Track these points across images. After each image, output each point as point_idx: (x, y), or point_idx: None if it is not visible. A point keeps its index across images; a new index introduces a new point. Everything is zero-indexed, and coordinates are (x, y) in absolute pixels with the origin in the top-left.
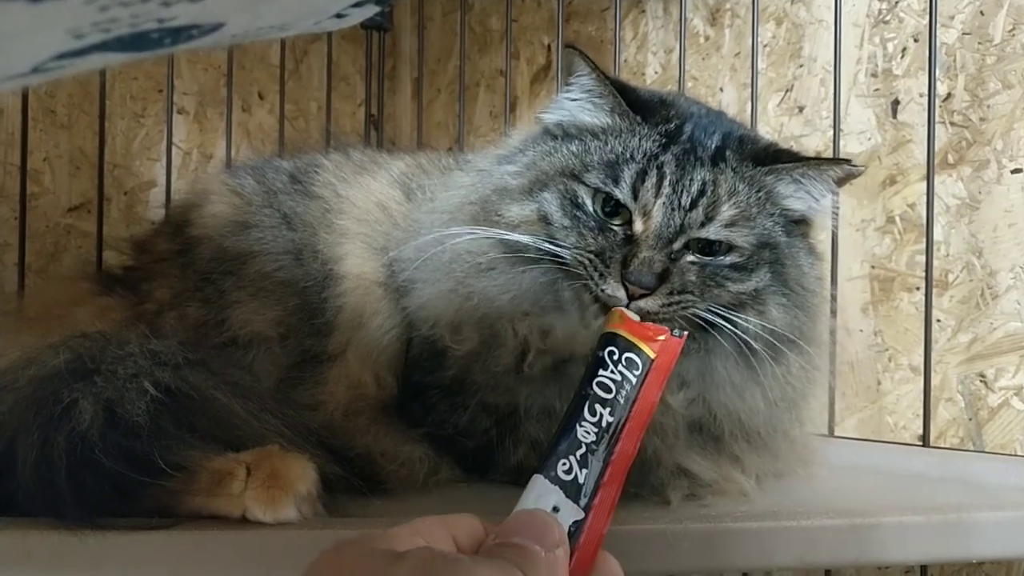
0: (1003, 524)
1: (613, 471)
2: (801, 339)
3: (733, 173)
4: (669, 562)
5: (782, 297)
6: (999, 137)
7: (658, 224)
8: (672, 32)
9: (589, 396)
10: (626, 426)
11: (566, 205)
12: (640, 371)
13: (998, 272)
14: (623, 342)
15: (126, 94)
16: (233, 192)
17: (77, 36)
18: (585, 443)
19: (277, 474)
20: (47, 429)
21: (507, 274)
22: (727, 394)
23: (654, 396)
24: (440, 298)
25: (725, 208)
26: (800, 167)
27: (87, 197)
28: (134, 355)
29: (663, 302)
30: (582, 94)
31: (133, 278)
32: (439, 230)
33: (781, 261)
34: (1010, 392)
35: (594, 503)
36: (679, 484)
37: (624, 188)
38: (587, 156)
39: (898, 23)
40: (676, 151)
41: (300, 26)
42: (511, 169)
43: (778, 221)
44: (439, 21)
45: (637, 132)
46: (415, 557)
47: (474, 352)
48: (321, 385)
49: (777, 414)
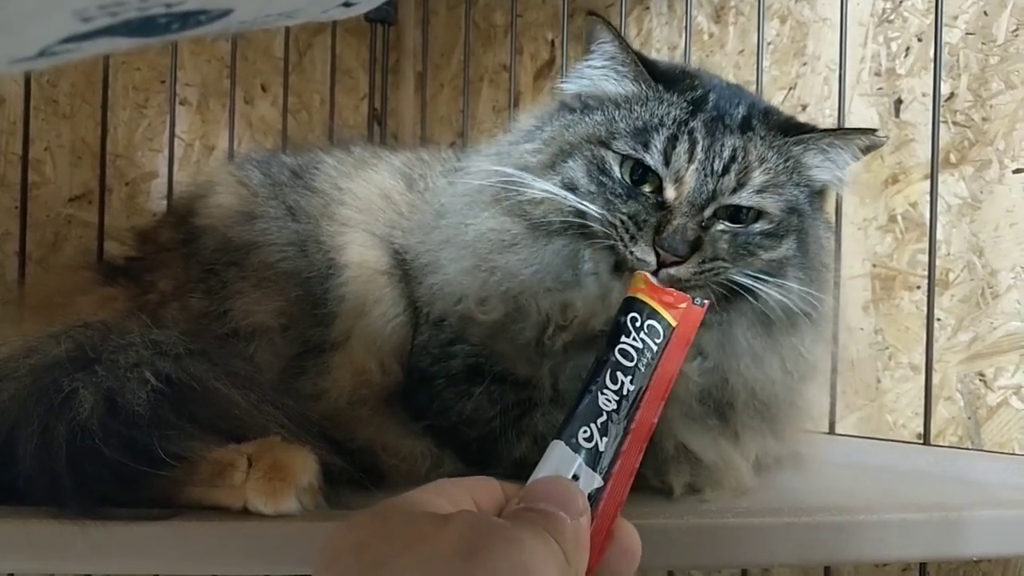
0: (1001, 522)
1: (633, 439)
2: (814, 311)
3: (761, 141)
4: (669, 557)
5: (800, 271)
6: (1001, 137)
7: (691, 190)
8: (676, 29)
9: (611, 363)
10: (646, 395)
11: (593, 171)
12: (661, 339)
13: (999, 272)
14: (646, 308)
15: (128, 84)
16: (240, 183)
17: (84, 19)
18: (606, 411)
19: (279, 465)
20: (48, 418)
21: (530, 248)
22: (747, 364)
23: (674, 365)
24: (465, 274)
25: (757, 174)
26: (828, 136)
27: (88, 187)
28: (135, 345)
29: (694, 270)
30: (605, 62)
31: (136, 268)
32: (460, 214)
33: (805, 230)
34: (1009, 391)
35: (613, 471)
36: (681, 468)
37: (655, 154)
38: (613, 124)
39: (902, 22)
40: (704, 118)
41: (308, 13)
42: (530, 147)
43: (804, 191)
44: (443, 15)
45: (664, 99)
46: (461, 521)
47: (499, 323)
48: (324, 374)
49: (789, 383)
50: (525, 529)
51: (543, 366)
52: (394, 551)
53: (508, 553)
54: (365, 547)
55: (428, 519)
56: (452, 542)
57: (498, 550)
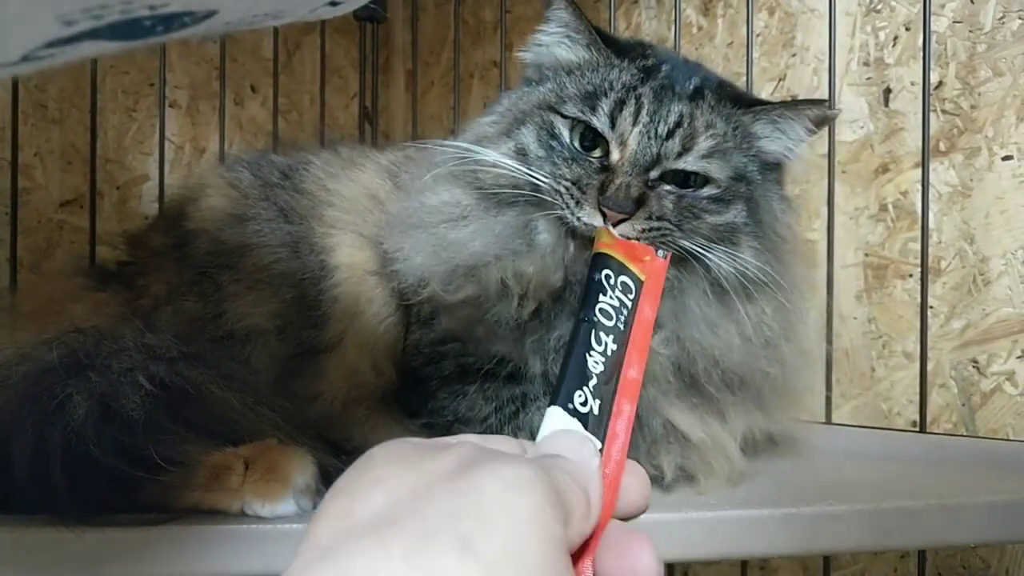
0: (997, 508)
1: (623, 399)
2: (772, 283)
3: (710, 109)
4: (668, 551)
5: (754, 240)
6: (990, 124)
7: (634, 151)
8: (665, 22)
9: (595, 324)
10: (627, 352)
11: (543, 136)
12: (633, 295)
13: (990, 259)
14: (616, 264)
15: (117, 88)
16: (230, 185)
17: (67, 23)
18: (595, 373)
19: (275, 467)
20: (42, 425)
21: (480, 219)
22: (701, 331)
23: (649, 319)
24: (424, 255)
25: (702, 139)
26: (778, 108)
27: (79, 192)
28: (128, 349)
29: (642, 227)
30: (559, 28)
31: (128, 273)
32: (419, 194)
33: (756, 200)
34: (1002, 377)
35: (610, 433)
36: (671, 448)
37: (602, 117)
38: (564, 90)
39: (889, 12)
40: (654, 85)
41: (294, 14)
42: (488, 119)
43: (753, 160)
44: (432, 12)
45: (615, 66)
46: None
47: (468, 303)
48: (319, 376)
49: (752, 351)
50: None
51: (524, 343)
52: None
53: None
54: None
55: (431, 446)
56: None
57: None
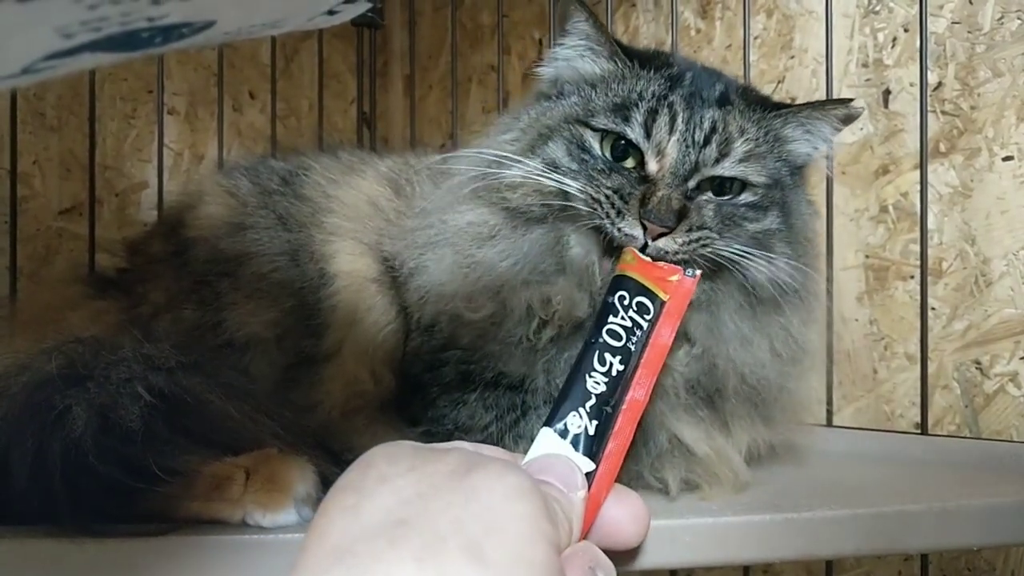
0: (1001, 511)
1: (624, 420)
2: (802, 289)
3: (740, 114)
4: (671, 556)
5: (787, 246)
6: (990, 125)
7: (673, 161)
8: (663, 25)
9: (599, 345)
10: (637, 373)
11: (573, 150)
12: (652, 315)
13: (991, 259)
14: (634, 285)
15: (116, 95)
16: (228, 193)
17: (66, 36)
18: (595, 394)
19: (276, 477)
20: (41, 436)
21: (508, 239)
22: (735, 348)
23: (666, 340)
24: (448, 273)
25: (738, 144)
26: (805, 110)
27: (78, 199)
28: (127, 360)
29: (683, 240)
30: (580, 40)
31: (127, 280)
32: (440, 211)
33: (788, 205)
34: (1005, 378)
35: (604, 453)
36: (676, 462)
37: (636, 127)
38: (591, 103)
39: (888, 13)
40: (683, 92)
41: (292, 23)
42: (508, 137)
43: (784, 164)
44: (430, 17)
45: (641, 76)
46: (460, 451)
47: (488, 321)
48: (318, 385)
49: (780, 367)
50: (523, 472)
51: (536, 364)
52: (398, 471)
53: (502, 474)
54: (371, 467)
55: (431, 449)
56: (451, 465)
57: (492, 470)
